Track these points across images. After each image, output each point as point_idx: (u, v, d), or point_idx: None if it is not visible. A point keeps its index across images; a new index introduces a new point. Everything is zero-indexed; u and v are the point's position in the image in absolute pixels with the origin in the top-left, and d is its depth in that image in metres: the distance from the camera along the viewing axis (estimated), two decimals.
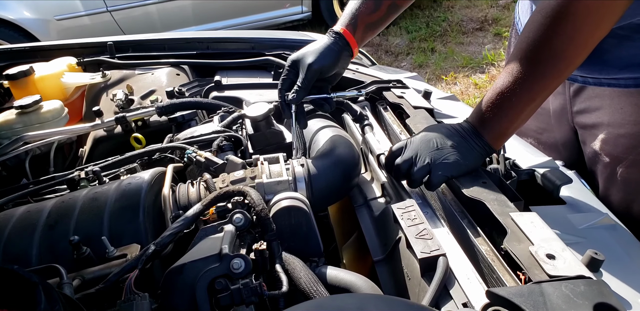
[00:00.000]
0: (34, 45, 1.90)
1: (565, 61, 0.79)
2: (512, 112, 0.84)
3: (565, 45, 0.78)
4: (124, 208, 0.87)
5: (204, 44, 1.80)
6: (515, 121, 0.85)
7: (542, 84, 0.81)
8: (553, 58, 0.79)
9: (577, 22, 0.76)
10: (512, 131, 0.88)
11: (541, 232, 0.70)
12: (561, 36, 0.77)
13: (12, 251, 0.81)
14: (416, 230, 0.77)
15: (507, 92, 0.82)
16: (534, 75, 0.80)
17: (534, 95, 0.82)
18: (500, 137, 0.87)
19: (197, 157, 1.04)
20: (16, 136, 1.30)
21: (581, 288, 0.58)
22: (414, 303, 0.49)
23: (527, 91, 0.81)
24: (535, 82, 0.80)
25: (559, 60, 0.79)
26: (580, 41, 0.78)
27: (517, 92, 0.81)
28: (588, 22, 0.76)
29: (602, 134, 1.08)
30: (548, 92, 0.84)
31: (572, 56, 0.79)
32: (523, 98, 0.82)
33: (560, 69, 0.80)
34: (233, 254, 0.68)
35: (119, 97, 1.45)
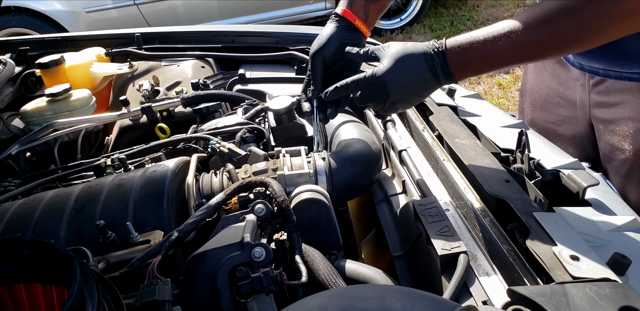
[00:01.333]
0: (65, 36, 1.94)
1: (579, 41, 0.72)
2: (495, 57, 0.77)
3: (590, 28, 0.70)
4: (148, 195, 0.88)
5: (229, 37, 1.81)
6: (492, 66, 0.79)
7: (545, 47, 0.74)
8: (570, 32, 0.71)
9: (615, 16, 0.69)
10: (476, 69, 0.80)
11: (565, 233, 0.70)
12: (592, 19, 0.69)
13: (41, 232, 0.84)
14: (437, 227, 0.76)
15: (507, 38, 0.74)
16: (543, 36, 0.72)
17: (530, 53, 0.76)
18: (463, 68, 0.80)
19: (221, 148, 1.05)
20: (46, 123, 1.33)
21: (606, 291, 0.57)
22: (435, 296, 0.49)
23: (527, 46, 0.74)
24: (541, 42, 0.73)
25: (576, 35, 0.71)
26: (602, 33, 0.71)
27: (516, 41, 0.73)
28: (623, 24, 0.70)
29: (621, 128, 1.05)
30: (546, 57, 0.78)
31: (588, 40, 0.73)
32: (517, 51, 0.75)
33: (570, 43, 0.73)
34: (254, 243, 0.69)
35: (145, 88, 1.47)
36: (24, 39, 1.92)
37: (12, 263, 0.50)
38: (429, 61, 0.80)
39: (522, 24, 0.73)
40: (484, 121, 1.15)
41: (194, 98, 1.33)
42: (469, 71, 0.82)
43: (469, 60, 0.79)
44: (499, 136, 1.07)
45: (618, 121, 1.06)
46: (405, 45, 0.84)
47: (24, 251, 0.48)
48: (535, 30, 0.72)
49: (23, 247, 0.48)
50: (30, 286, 0.53)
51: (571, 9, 0.69)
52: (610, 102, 1.06)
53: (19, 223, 0.86)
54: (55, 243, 0.46)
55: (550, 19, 0.71)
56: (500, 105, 3.35)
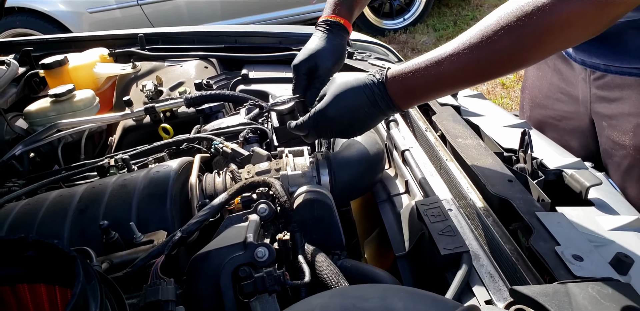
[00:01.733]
0: (68, 36, 1.95)
1: (519, 59, 0.71)
2: (438, 82, 0.75)
3: (530, 45, 0.69)
4: (151, 195, 0.89)
5: (232, 37, 1.81)
6: (436, 92, 0.78)
7: (486, 68, 0.72)
8: (511, 52, 0.69)
9: (553, 29, 0.67)
10: (420, 96, 0.79)
11: (568, 232, 0.70)
12: (534, 35, 0.68)
13: (45, 233, 0.84)
14: (440, 227, 0.77)
15: (449, 61, 0.72)
16: (484, 57, 0.70)
17: (472, 75, 0.74)
18: (407, 97, 0.79)
19: (224, 148, 1.05)
20: (50, 123, 1.34)
21: (608, 290, 0.57)
22: (437, 296, 0.49)
23: (469, 68, 0.72)
24: (481, 64, 0.71)
25: (516, 56, 0.70)
26: (541, 48, 0.69)
27: (457, 64, 0.72)
28: (561, 36, 0.68)
29: (622, 124, 1.06)
30: (486, 78, 0.76)
31: (527, 57, 0.71)
32: (460, 73, 0.73)
33: (510, 63, 0.71)
34: (257, 243, 0.69)
35: (148, 88, 1.47)
36: (28, 40, 1.93)
37: (16, 263, 0.50)
38: (369, 94, 0.79)
39: (462, 46, 0.71)
40: (486, 120, 1.15)
41: (197, 98, 1.34)
42: (414, 99, 0.80)
43: (411, 88, 0.77)
44: (502, 136, 1.07)
45: (618, 116, 1.07)
46: (347, 78, 0.83)
47: (28, 252, 0.49)
48: (475, 51, 0.70)
49: (27, 247, 0.49)
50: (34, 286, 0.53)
51: (510, 27, 0.68)
52: (611, 97, 1.06)
53: (23, 224, 0.86)
54: (58, 243, 0.47)
55: (491, 38, 0.69)
56: (504, 105, 3.34)
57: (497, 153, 0.95)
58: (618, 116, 1.07)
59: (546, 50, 0.71)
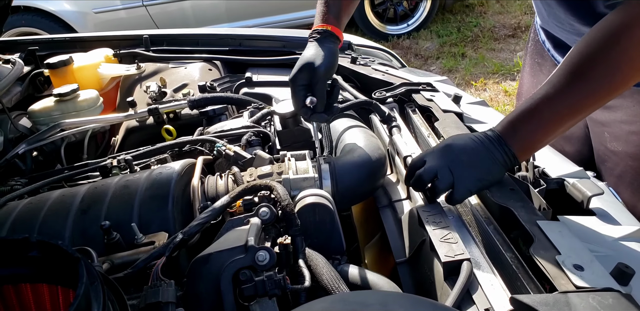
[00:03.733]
0: (73, 36, 1.96)
1: (617, 81, 0.76)
2: (547, 126, 0.80)
3: (622, 64, 0.74)
4: (153, 196, 0.89)
5: (237, 41, 1.82)
6: (548, 135, 0.81)
7: (586, 101, 0.77)
8: (605, 76, 0.75)
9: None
10: (542, 145, 0.84)
11: (569, 242, 0.69)
12: (620, 54, 0.73)
13: (46, 232, 0.84)
14: (441, 234, 0.77)
15: (547, 105, 0.78)
16: (580, 91, 0.76)
17: (575, 112, 0.78)
18: (528, 150, 0.84)
19: (227, 150, 1.05)
20: (53, 122, 1.35)
21: (609, 301, 0.57)
22: (437, 303, 0.49)
23: (570, 106, 0.77)
24: (580, 98, 0.77)
25: (612, 78, 0.75)
26: (638, 62, 0.74)
27: (557, 105, 0.77)
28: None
29: (614, 131, 1.09)
30: (589, 111, 0.80)
31: (626, 76, 0.75)
32: (563, 113, 0.78)
33: (609, 88, 0.76)
34: (258, 247, 0.69)
35: (152, 89, 1.48)
36: (33, 39, 1.94)
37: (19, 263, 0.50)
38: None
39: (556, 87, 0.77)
40: (489, 128, 1.15)
41: (200, 100, 1.34)
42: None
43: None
44: None
45: (612, 123, 1.09)
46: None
47: (32, 252, 0.49)
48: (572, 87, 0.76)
49: (31, 248, 0.49)
50: (36, 286, 0.54)
51: (595, 55, 0.73)
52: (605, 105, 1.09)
53: (25, 223, 0.86)
54: (62, 244, 0.47)
55: (582, 71, 0.75)
56: (506, 112, 3.34)
57: None
58: (611, 123, 1.09)
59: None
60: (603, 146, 1.13)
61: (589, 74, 0.75)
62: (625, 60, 0.73)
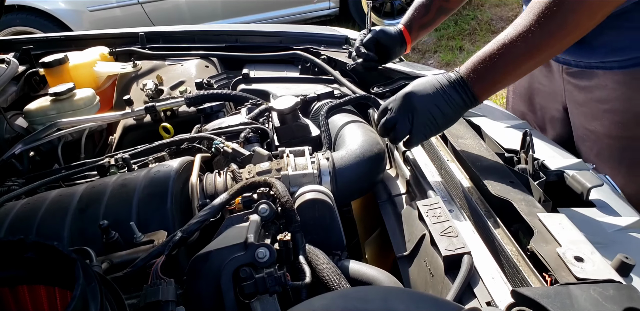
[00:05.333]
0: (68, 35, 1.95)
1: (573, 22, 0.81)
2: (508, 65, 0.85)
3: (578, 6, 0.79)
4: (152, 195, 0.88)
5: (233, 37, 1.81)
6: (508, 76, 0.87)
7: (543, 41, 0.82)
8: (562, 17, 0.80)
9: None
10: (502, 86, 0.89)
11: (569, 234, 0.69)
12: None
13: (45, 232, 0.84)
14: (441, 228, 0.76)
15: (508, 46, 0.83)
16: (541, 32, 0.81)
17: (533, 52, 0.83)
18: (488, 90, 0.89)
19: (225, 148, 1.05)
20: (50, 122, 1.34)
21: (610, 292, 0.57)
22: (438, 298, 0.49)
23: (531, 46, 0.82)
24: (539, 38, 0.81)
25: (568, 19, 0.80)
26: (590, 11, 0.80)
27: (519, 46, 0.82)
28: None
29: (591, 111, 1.14)
30: (548, 54, 0.86)
31: (581, 17, 0.81)
32: (522, 53, 0.83)
33: (566, 28, 0.82)
34: (258, 244, 0.69)
35: (149, 87, 1.47)
36: (28, 38, 1.93)
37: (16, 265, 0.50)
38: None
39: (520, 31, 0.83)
40: (488, 121, 1.15)
41: (197, 98, 1.33)
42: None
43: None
44: (503, 137, 1.07)
45: (589, 103, 1.15)
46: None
47: (27, 253, 0.48)
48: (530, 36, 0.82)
49: (26, 249, 0.48)
50: (34, 288, 0.53)
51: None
52: (581, 85, 1.16)
53: (23, 223, 0.86)
54: (58, 245, 0.46)
55: (542, 12, 0.81)
56: (504, 104, 3.33)
57: (498, 154, 0.94)
58: (588, 103, 1.15)
59: (593, 15, 0.82)
60: (582, 126, 1.19)
61: (547, 15, 0.80)
62: (582, 3, 0.79)
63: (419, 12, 1.27)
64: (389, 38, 1.29)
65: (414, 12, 1.28)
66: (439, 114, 0.88)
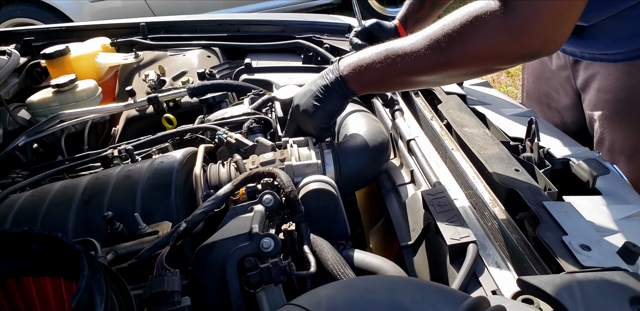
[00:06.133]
0: (69, 26, 1.93)
1: (448, 62, 0.76)
2: (390, 77, 0.85)
3: (464, 50, 0.74)
4: (156, 186, 0.88)
5: (235, 26, 1.80)
6: (388, 86, 0.92)
7: (432, 70, 0.80)
8: (461, 58, 0.75)
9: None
10: (377, 89, 0.96)
11: (575, 222, 0.69)
12: (469, 42, 0.72)
13: (49, 224, 0.84)
14: (446, 217, 0.76)
15: (396, 59, 0.81)
16: (429, 60, 0.77)
17: (418, 74, 0.82)
18: (366, 90, 0.93)
19: (228, 138, 1.04)
20: (52, 114, 1.33)
21: (617, 280, 0.56)
22: (445, 287, 0.48)
23: (415, 68, 0.81)
24: (427, 65, 0.79)
25: (445, 58, 0.76)
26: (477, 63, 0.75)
27: (407, 63, 0.80)
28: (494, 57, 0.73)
29: (594, 99, 1.16)
30: (432, 81, 0.88)
31: (460, 61, 0.76)
32: (408, 71, 0.82)
33: (438, 64, 0.78)
34: (263, 234, 0.69)
35: (151, 78, 1.46)
36: (29, 30, 1.92)
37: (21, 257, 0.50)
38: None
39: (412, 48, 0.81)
40: (493, 109, 1.14)
41: (200, 88, 1.33)
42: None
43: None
44: (508, 125, 1.06)
45: (591, 91, 1.16)
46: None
47: (32, 245, 0.48)
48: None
49: (30, 240, 0.48)
50: (39, 279, 0.53)
51: (448, 34, 0.75)
52: (587, 75, 1.16)
53: (27, 215, 0.86)
54: (62, 236, 0.46)
55: (420, 52, 0.79)
56: (509, 93, 3.31)
57: (503, 142, 0.94)
58: (591, 91, 1.16)
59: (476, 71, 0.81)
60: (587, 113, 1.22)
61: (442, 47, 0.75)
62: (468, 49, 0.73)
63: (413, 7, 1.27)
64: (383, 31, 1.28)
65: (409, 8, 1.28)
66: (324, 115, 0.95)
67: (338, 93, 0.91)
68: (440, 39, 0.74)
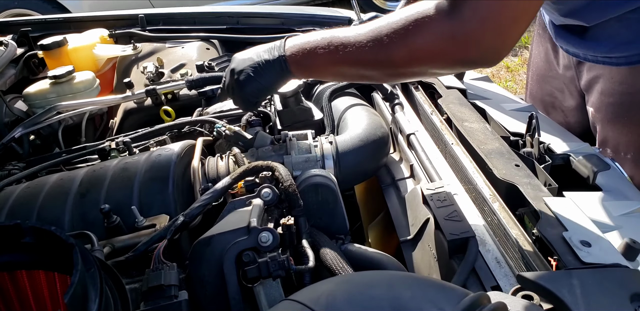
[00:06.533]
0: (67, 17, 1.91)
1: (388, 59, 0.74)
2: (330, 64, 0.82)
3: (408, 48, 0.72)
4: (153, 179, 0.88)
5: (234, 19, 1.78)
6: (321, 71, 0.87)
7: (372, 65, 0.77)
8: (400, 56, 0.73)
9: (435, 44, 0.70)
10: (317, 75, 0.93)
11: (576, 218, 0.68)
12: (412, 40, 0.71)
13: (45, 217, 0.83)
14: (446, 212, 0.76)
15: (339, 47, 0.78)
16: (371, 53, 0.75)
17: (352, 63, 0.79)
18: (302, 72, 0.88)
19: (227, 131, 1.03)
20: (50, 105, 1.32)
21: (617, 277, 0.56)
22: (445, 283, 0.48)
23: (357, 59, 0.77)
24: (369, 58, 0.76)
25: (400, 62, 0.74)
26: (417, 62, 0.73)
27: (349, 52, 0.77)
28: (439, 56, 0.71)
29: (595, 101, 1.15)
30: (367, 77, 0.83)
31: (403, 59, 0.73)
32: (350, 61, 0.79)
33: (379, 61, 0.75)
34: (261, 228, 0.68)
35: (149, 70, 1.45)
36: (26, 20, 1.90)
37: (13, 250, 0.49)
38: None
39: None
40: (493, 104, 1.13)
41: (198, 81, 1.31)
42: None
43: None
44: (508, 120, 1.06)
45: (594, 93, 1.15)
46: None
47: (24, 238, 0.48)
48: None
49: (23, 234, 0.47)
50: (33, 273, 0.53)
51: (393, 29, 0.72)
52: (591, 76, 1.15)
53: (23, 207, 0.85)
54: (56, 230, 0.46)
55: (362, 46, 0.75)
56: (508, 88, 3.30)
57: (503, 137, 0.93)
58: (594, 93, 1.15)
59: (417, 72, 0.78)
60: (590, 114, 1.20)
61: (385, 42, 0.73)
62: (408, 48, 0.71)
63: (412, 1, 1.26)
64: None
65: (407, 1, 1.25)
66: (255, 89, 0.90)
67: (276, 71, 0.88)
68: (384, 33, 0.72)
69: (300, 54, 0.85)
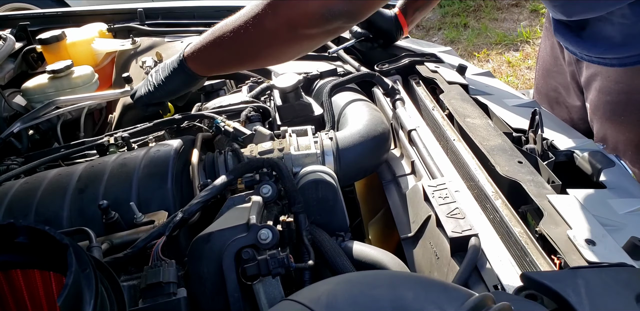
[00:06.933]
0: (66, 11, 1.90)
1: (276, 37, 0.82)
2: (219, 56, 0.90)
3: (252, 44, 0.84)
4: (152, 174, 0.87)
5: (233, 13, 1.76)
6: (218, 64, 0.93)
7: (244, 50, 0.86)
8: (273, 25, 0.80)
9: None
10: (216, 69, 0.97)
11: (580, 216, 0.68)
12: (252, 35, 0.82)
13: (43, 213, 0.83)
14: (447, 209, 0.75)
15: (225, 34, 0.85)
16: (242, 38, 0.83)
17: (244, 53, 0.88)
18: (202, 69, 0.94)
19: (226, 127, 1.03)
20: (48, 100, 1.31)
21: (623, 276, 0.55)
22: (448, 284, 0.47)
23: (240, 44, 0.85)
24: (242, 44, 0.85)
25: (275, 31, 0.81)
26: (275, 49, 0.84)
27: (231, 39, 0.84)
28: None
29: (594, 99, 1.15)
30: (260, 58, 0.90)
31: (255, 55, 0.87)
32: (233, 49, 0.87)
33: (272, 40, 0.83)
34: (261, 225, 0.67)
35: (148, 65, 1.44)
36: (24, 14, 1.88)
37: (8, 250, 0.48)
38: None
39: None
40: (495, 99, 1.12)
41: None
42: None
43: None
44: (511, 116, 1.04)
45: (592, 91, 1.15)
46: None
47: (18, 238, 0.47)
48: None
49: (17, 233, 0.47)
50: (28, 273, 0.52)
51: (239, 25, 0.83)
52: (589, 73, 1.15)
53: (21, 203, 0.85)
54: (50, 229, 0.45)
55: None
56: (509, 83, 3.29)
57: (506, 133, 0.92)
58: (592, 91, 1.15)
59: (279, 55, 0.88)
60: (590, 111, 1.21)
61: (250, 17, 0.82)
62: (277, 15, 0.78)
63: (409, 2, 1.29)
64: (383, 20, 1.28)
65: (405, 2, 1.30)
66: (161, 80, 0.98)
67: (180, 73, 0.95)
68: (257, 10, 0.79)
69: (196, 53, 0.91)
